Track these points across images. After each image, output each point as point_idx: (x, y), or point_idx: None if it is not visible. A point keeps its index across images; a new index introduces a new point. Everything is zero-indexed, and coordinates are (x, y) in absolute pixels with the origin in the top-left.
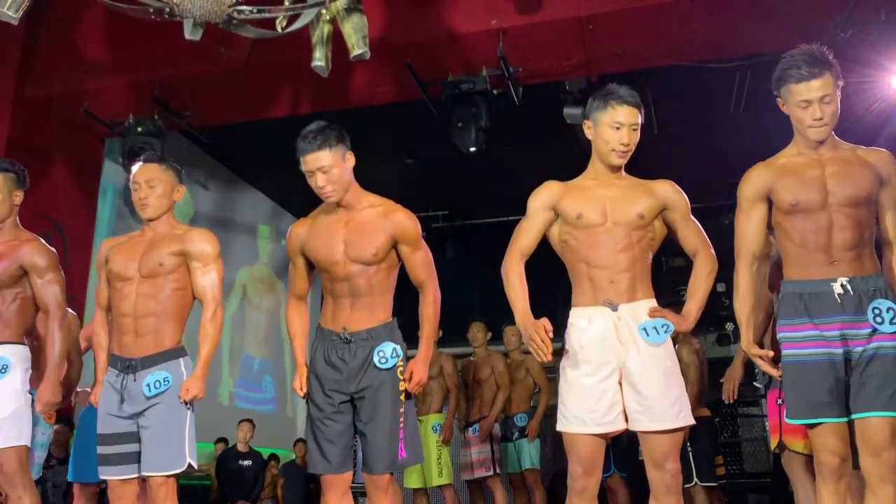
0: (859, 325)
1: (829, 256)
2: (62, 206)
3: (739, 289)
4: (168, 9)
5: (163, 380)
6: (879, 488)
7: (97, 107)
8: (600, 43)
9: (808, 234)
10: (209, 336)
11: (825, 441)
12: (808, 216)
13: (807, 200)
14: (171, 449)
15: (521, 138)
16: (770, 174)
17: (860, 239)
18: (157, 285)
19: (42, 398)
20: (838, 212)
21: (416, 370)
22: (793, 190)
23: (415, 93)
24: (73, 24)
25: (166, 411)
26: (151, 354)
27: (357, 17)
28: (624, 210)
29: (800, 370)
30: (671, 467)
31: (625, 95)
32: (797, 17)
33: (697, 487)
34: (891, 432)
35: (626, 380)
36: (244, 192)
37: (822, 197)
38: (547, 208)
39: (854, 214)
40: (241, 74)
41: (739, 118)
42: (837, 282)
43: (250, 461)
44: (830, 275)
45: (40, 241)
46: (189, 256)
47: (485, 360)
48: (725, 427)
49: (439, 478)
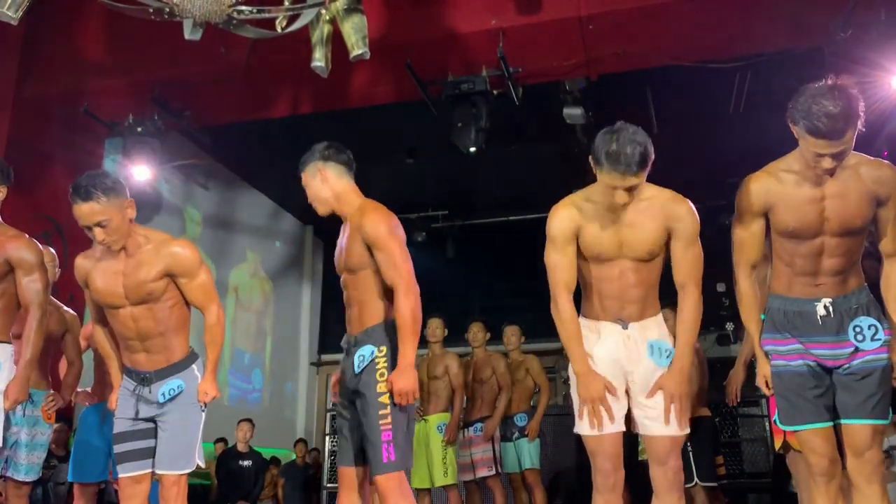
0: (841, 344)
1: (816, 279)
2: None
3: (743, 298)
4: (168, 9)
5: (176, 387)
6: (866, 488)
7: (97, 107)
8: (600, 43)
9: (797, 258)
10: (215, 340)
11: (812, 445)
12: (802, 242)
13: (802, 227)
14: (185, 449)
15: (521, 138)
16: (770, 189)
17: (848, 263)
18: (152, 309)
19: (10, 395)
20: (831, 239)
21: (394, 380)
22: (790, 215)
23: (415, 93)
24: (73, 24)
25: (181, 413)
26: (164, 367)
27: (357, 17)
28: (637, 247)
29: (787, 379)
30: (673, 464)
31: (628, 164)
32: (797, 18)
33: (698, 487)
34: (872, 434)
35: (632, 389)
36: (244, 192)
37: (818, 225)
38: (571, 240)
39: (846, 242)
40: (241, 74)
41: (739, 118)
42: (821, 303)
43: (250, 461)
44: (814, 295)
45: (26, 238)
46: (173, 274)
47: (485, 360)
48: (725, 427)
49: (444, 478)
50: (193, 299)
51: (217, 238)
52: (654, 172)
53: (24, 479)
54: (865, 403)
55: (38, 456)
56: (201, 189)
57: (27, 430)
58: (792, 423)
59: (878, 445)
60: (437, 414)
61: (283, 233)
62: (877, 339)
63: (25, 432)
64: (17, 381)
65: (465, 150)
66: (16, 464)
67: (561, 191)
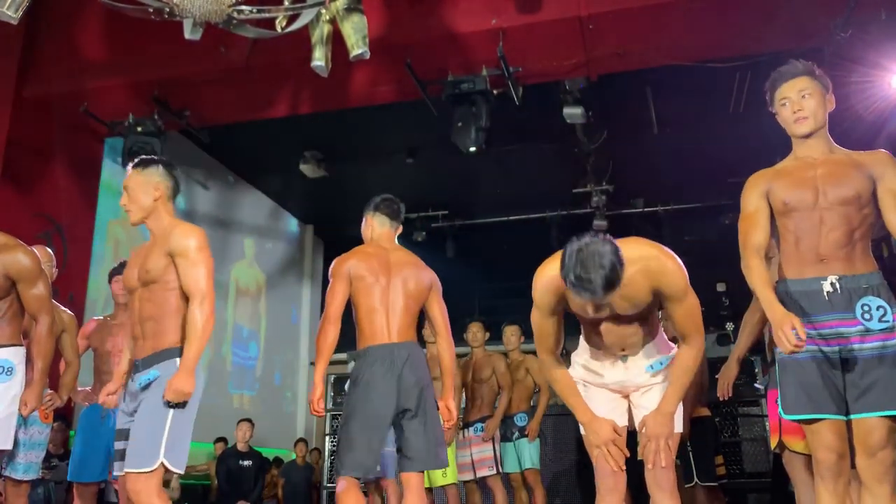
0: (850, 322)
1: (819, 255)
2: (62, 206)
3: (753, 269)
4: (168, 9)
5: (152, 378)
6: (876, 488)
7: (97, 107)
8: (600, 43)
9: (800, 234)
10: (194, 331)
11: (822, 438)
12: (801, 215)
13: (798, 199)
14: (142, 447)
15: (521, 138)
16: (768, 177)
17: (850, 237)
18: (151, 290)
19: (29, 403)
20: (829, 210)
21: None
22: (786, 190)
23: (415, 93)
24: (73, 24)
25: (146, 408)
26: (149, 355)
27: (357, 16)
28: (623, 310)
29: (796, 367)
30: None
31: (594, 291)
32: (797, 17)
33: (697, 487)
34: (887, 432)
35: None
36: (244, 192)
37: (813, 196)
38: (555, 310)
39: (845, 213)
40: (241, 74)
41: (739, 118)
42: (827, 280)
43: (250, 461)
44: (821, 273)
45: (21, 248)
46: (173, 254)
47: (485, 360)
48: (725, 427)
49: (443, 478)
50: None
51: (217, 238)
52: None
53: (23, 477)
54: (879, 395)
55: (37, 455)
56: (201, 189)
57: (25, 430)
58: (800, 412)
59: (892, 445)
60: None
61: (282, 232)
62: (885, 321)
63: (23, 432)
64: (34, 389)
65: (465, 150)
66: (14, 463)
67: (561, 191)
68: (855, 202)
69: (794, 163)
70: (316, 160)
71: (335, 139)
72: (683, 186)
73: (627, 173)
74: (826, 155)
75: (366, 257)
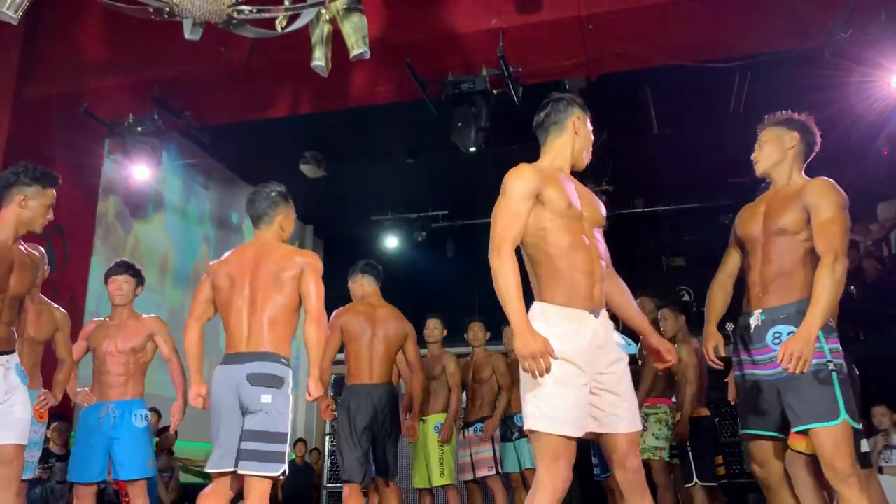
0: (767, 349)
1: (759, 288)
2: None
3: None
4: (168, 9)
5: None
6: (845, 490)
7: (97, 107)
8: (600, 43)
9: (748, 270)
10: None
11: (753, 452)
12: (749, 249)
13: (746, 234)
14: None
15: (521, 138)
16: (741, 214)
17: (781, 269)
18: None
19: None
20: (766, 243)
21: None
22: (742, 225)
23: (415, 93)
24: (73, 24)
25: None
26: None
27: (357, 16)
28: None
29: (741, 388)
30: (633, 464)
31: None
32: (797, 18)
33: (697, 487)
34: (833, 441)
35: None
36: (244, 192)
37: (758, 231)
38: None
39: (779, 245)
40: (241, 74)
41: (739, 118)
42: (755, 314)
43: None
44: (757, 306)
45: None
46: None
47: (485, 360)
48: (725, 427)
49: (441, 478)
50: None
51: (217, 238)
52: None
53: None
54: (802, 411)
55: (32, 455)
56: (201, 189)
57: None
58: (743, 427)
59: (840, 454)
60: (434, 414)
61: None
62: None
63: None
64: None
65: (465, 150)
66: None
67: None
68: (787, 233)
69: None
70: (316, 160)
71: (335, 139)
72: (683, 186)
73: (627, 173)
74: (785, 188)
75: (356, 314)
